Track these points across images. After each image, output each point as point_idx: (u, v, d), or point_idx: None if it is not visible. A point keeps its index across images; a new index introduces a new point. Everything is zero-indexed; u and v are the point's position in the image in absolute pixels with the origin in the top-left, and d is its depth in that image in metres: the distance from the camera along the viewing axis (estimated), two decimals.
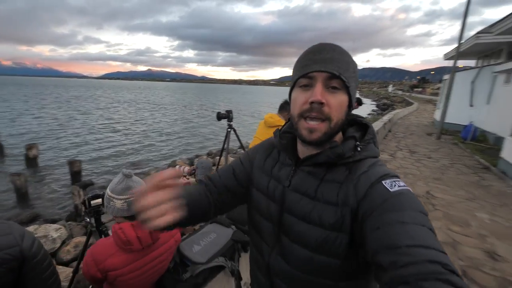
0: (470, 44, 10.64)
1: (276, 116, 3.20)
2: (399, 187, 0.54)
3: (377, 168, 0.60)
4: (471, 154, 7.54)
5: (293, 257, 0.66)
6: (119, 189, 1.22)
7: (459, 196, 4.51)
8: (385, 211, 0.51)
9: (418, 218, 0.48)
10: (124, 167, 9.54)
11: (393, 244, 0.45)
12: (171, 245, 1.48)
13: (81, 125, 17.33)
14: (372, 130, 0.68)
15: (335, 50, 0.60)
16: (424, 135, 10.72)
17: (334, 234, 0.59)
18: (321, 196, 0.62)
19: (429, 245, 0.44)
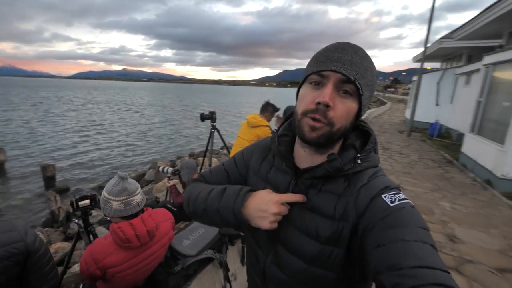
0: (434, 48, 11.50)
1: (258, 116, 3.37)
2: (400, 201, 0.52)
3: (377, 179, 0.58)
4: (437, 150, 8.18)
5: (288, 267, 0.65)
6: (115, 191, 1.27)
7: (425, 188, 4.93)
8: (386, 227, 0.49)
9: (421, 235, 0.47)
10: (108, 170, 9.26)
11: (396, 264, 0.43)
12: (165, 242, 1.56)
13: (53, 128, 16.43)
14: (374, 138, 0.64)
15: (357, 53, 0.56)
16: (396, 132, 11.41)
17: (329, 248, 0.58)
18: (318, 208, 0.61)
19: (434, 266, 0.42)
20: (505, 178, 4.66)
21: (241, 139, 3.40)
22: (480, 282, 2.51)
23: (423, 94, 10.65)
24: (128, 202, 1.28)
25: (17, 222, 1.12)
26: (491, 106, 5.55)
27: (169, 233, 1.58)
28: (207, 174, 0.85)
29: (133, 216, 1.32)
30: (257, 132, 3.25)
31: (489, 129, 5.50)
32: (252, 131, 3.29)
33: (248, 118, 3.36)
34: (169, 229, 1.57)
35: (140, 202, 1.36)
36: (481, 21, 6.93)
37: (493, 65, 5.48)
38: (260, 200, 0.62)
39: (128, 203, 1.28)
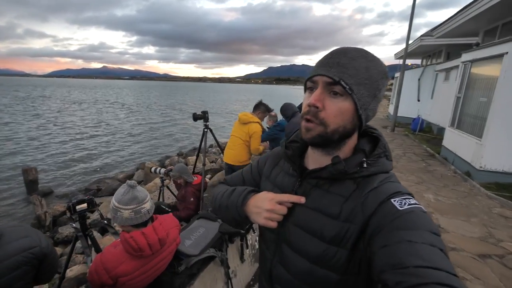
0: (415, 45, 11.92)
1: (249, 113, 3.43)
2: (410, 205, 0.52)
3: (387, 185, 0.58)
4: (419, 144, 8.54)
5: (293, 267, 0.67)
6: (125, 199, 1.28)
7: (410, 181, 5.17)
8: (393, 229, 0.49)
9: (428, 238, 0.46)
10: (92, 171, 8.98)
11: (400, 263, 0.44)
12: (173, 248, 1.58)
13: (34, 129, 15.71)
14: (383, 143, 0.65)
15: (346, 55, 0.58)
16: (380, 128, 11.74)
17: (333, 249, 0.59)
18: (324, 207, 0.62)
19: (439, 267, 0.42)
20: (483, 169, 4.96)
21: (234, 137, 3.46)
22: (464, 268, 2.69)
23: (405, 90, 11.04)
24: (138, 211, 1.29)
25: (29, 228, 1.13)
26: (469, 101, 5.86)
27: (177, 239, 1.61)
28: (229, 178, 0.95)
29: (143, 224, 1.34)
30: (248, 128, 3.31)
31: (468, 124, 5.81)
32: (243, 128, 3.36)
33: (239, 115, 3.44)
34: (177, 235, 1.60)
35: (150, 209, 1.36)
36: (458, 20, 7.25)
37: (470, 62, 5.79)
38: (258, 198, 0.70)
39: (138, 211, 1.29)
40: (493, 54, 4.94)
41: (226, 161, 3.54)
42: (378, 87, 0.60)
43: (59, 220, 5.70)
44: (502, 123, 4.70)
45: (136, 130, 16.94)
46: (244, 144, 3.35)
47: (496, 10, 5.90)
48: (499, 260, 2.82)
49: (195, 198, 3.34)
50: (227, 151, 3.53)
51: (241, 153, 3.39)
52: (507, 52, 4.51)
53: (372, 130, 0.68)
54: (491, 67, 5.12)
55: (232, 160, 3.45)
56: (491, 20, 6.81)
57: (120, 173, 8.48)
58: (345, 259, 0.58)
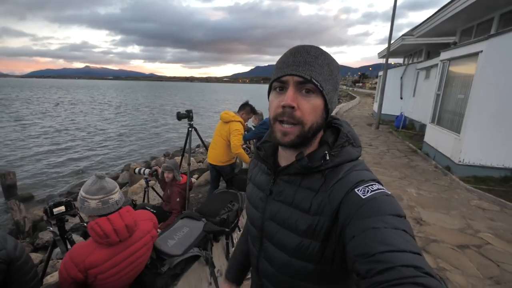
0: (397, 45, 12.26)
1: (230, 112, 3.39)
2: (372, 192, 0.54)
3: (352, 174, 0.60)
4: (402, 140, 8.79)
5: (275, 261, 0.71)
6: (93, 189, 1.27)
7: (394, 176, 5.30)
8: (358, 219, 0.51)
9: (391, 221, 0.48)
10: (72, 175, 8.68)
11: (367, 252, 0.46)
12: (148, 240, 1.54)
13: (13, 131, 15.05)
14: (345, 133, 0.66)
15: (309, 53, 0.60)
16: (366, 125, 12.04)
17: (307, 241, 0.62)
18: (297, 203, 0.64)
19: (402, 248, 0.44)
20: (461, 164, 5.15)
21: (216, 136, 3.42)
22: (444, 258, 2.79)
23: (388, 88, 11.33)
24: (106, 201, 1.28)
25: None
26: (448, 99, 6.08)
27: (152, 232, 1.57)
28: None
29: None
30: (229, 127, 3.27)
31: (447, 120, 6.02)
32: (225, 127, 3.31)
33: (221, 114, 3.38)
34: (151, 228, 1.55)
35: (119, 200, 1.36)
36: (437, 20, 7.51)
37: (448, 60, 6.00)
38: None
39: (106, 201, 1.28)
40: (469, 53, 5.14)
41: (209, 161, 3.49)
42: (337, 81, 0.64)
43: (39, 225, 5.50)
44: (478, 118, 4.90)
45: (122, 130, 16.56)
46: (226, 143, 3.31)
47: (471, 10, 6.15)
48: (477, 250, 2.94)
49: (181, 198, 3.30)
50: (210, 151, 3.48)
51: (223, 152, 3.35)
52: (482, 51, 4.71)
53: (335, 121, 0.70)
54: (467, 65, 5.33)
55: (214, 160, 3.40)
56: (467, 20, 7.09)
57: None
58: (318, 250, 0.60)
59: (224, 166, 3.41)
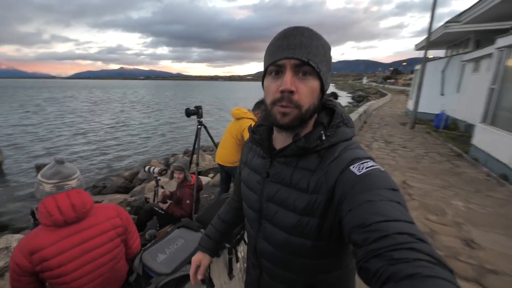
0: (439, 34, 10.96)
1: (242, 108, 3.03)
2: (367, 169, 0.56)
3: (347, 153, 0.61)
4: (444, 142, 7.75)
5: (274, 240, 0.72)
6: (49, 173, 1.23)
7: (434, 185, 4.54)
8: (354, 194, 0.53)
9: (385, 194, 0.50)
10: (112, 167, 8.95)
11: (364, 223, 0.47)
12: (107, 228, 1.34)
13: (56, 127, 16.27)
14: (339, 113, 0.68)
15: (303, 34, 0.59)
16: (398, 125, 10.98)
17: (305, 219, 0.63)
18: (295, 183, 0.66)
19: (397, 218, 0.45)
20: None
21: (226, 134, 3.09)
22: None
23: (427, 83, 10.18)
24: (61, 186, 1.23)
25: None
26: (506, 94, 5.10)
27: (114, 220, 1.39)
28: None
29: None
30: (239, 124, 2.91)
31: (505, 119, 5.04)
32: (236, 124, 2.97)
33: (232, 111, 3.04)
34: (112, 215, 1.40)
35: (76, 188, 1.29)
36: (490, 2, 6.42)
37: (508, 48, 5.02)
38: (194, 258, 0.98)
39: (61, 187, 1.23)
40: None
41: (217, 161, 3.14)
42: (330, 61, 0.64)
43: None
44: None
45: (147, 127, 17.12)
46: (235, 142, 2.94)
47: None
48: None
49: (191, 201, 3.01)
50: (219, 150, 3.15)
51: (232, 152, 2.98)
52: None
53: (329, 102, 0.71)
54: None
55: (222, 160, 3.06)
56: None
57: (126, 170, 8.32)
58: (316, 226, 0.63)
59: (233, 167, 3.05)
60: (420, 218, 3.39)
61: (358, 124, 9.55)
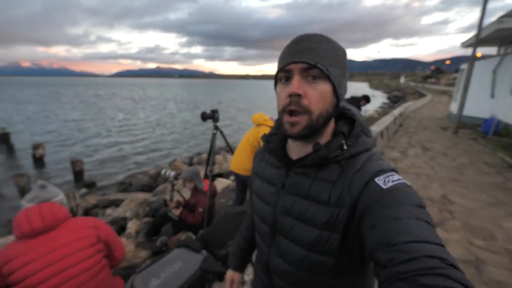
0: (491, 29, 9.75)
1: (264, 115, 2.86)
2: (393, 182, 0.54)
3: (371, 164, 0.59)
4: (493, 151, 6.86)
5: (290, 256, 0.68)
6: (29, 197, 1.28)
7: (481, 201, 3.98)
8: (379, 209, 0.51)
9: (413, 212, 0.48)
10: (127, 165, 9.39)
11: (389, 241, 0.45)
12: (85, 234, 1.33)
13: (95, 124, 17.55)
14: (359, 122, 0.66)
15: (312, 40, 0.59)
16: (439, 129, 10.01)
17: (326, 234, 0.60)
18: (314, 195, 0.63)
19: (426, 239, 0.43)
20: None
21: (243, 140, 2.94)
22: None
23: (474, 84, 9.14)
24: None
25: None
26: None
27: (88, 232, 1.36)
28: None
29: None
30: (258, 131, 2.76)
31: None
32: (254, 130, 2.82)
33: (253, 116, 2.88)
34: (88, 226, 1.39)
35: None
36: None
37: None
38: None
39: None
40: None
41: (231, 169, 3.02)
42: (345, 66, 0.62)
43: (90, 213, 5.87)
44: None
45: (178, 125, 17.64)
46: (251, 149, 2.79)
47: None
48: None
49: (204, 208, 2.93)
50: (234, 157, 3.03)
51: (247, 159, 2.83)
52: None
53: (346, 111, 0.69)
54: None
55: (237, 168, 2.93)
56: None
57: (152, 168, 8.61)
58: (338, 242, 0.59)
59: (247, 175, 2.90)
60: (463, 242, 2.95)
61: (393, 127, 8.87)
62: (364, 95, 5.83)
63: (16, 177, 6.94)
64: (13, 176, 7.02)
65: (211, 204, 3.06)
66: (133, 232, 3.69)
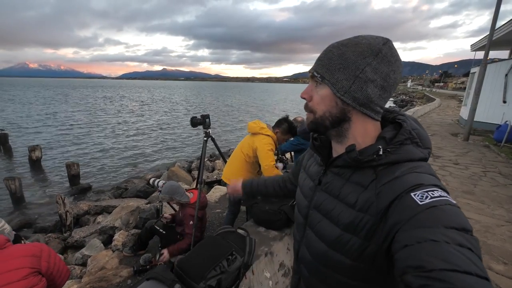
0: (504, 31, 9.37)
1: (261, 123, 2.57)
2: (432, 199, 0.49)
3: (410, 176, 0.55)
4: (507, 160, 6.48)
5: (313, 249, 0.72)
6: None
7: (498, 217, 3.63)
8: (414, 227, 0.47)
9: (454, 236, 0.43)
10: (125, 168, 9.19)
11: (424, 266, 0.42)
12: (7, 272, 1.11)
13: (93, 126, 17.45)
14: (407, 129, 0.61)
15: (327, 48, 0.64)
16: (449, 135, 9.61)
17: (347, 235, 0.60)
18: (344, 196, 0.64)
19: (468, 270, 0.39)
20: None
21: (236, 149, 2.65)
22: None
23: (485, 88, 8.74)
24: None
25: None
26: None
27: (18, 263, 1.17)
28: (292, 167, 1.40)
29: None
30: (253, 140, 2.46)
31: None
32: (250, 139, 2.52)
33: (249, 124, 2.58)
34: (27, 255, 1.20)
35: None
36: None
37: None
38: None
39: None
40: None
41: (223, 179, 2.72)
42: (358, 67, 0.60)
43: (81, 220, 5.66)
44: None
45: (180, 129, 17.43)
46: (244, 159, 2.50)
47: None
48: None
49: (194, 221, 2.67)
50: (226, 167, 2.74)
51: (239, 170, 2.54)
52: None
53: (399, 116, 0.66)
54: None
55: (228, 178, 2.62)
56: None
57: (149, 173, 8.39)
58: (358, 247, 0.59)
59: None
60: None
61: None
62: None
63: (7, 180, 6.75)
64: (4, 179, 6.84)
65: (201, 216, 2.80)
66: (120, 244, 3.44)
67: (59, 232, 5.41)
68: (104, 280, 2.69)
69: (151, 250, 3.06)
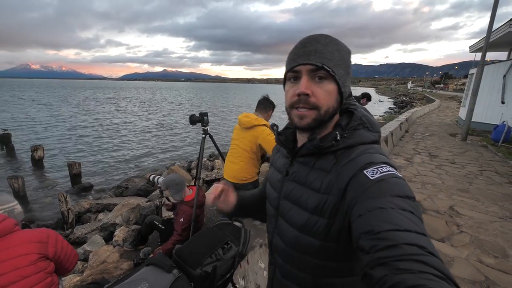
0: (501, 33, 9.44)
1: (252, 115, 2.55)
2: (381, 173, 0.55)
3: (363, 156, 0.61)
4: (504, 159, 6.53)
5: (285, 236, 0.74)
6: None
7: (491, 214, 3.69)
8: (365, 199, 0.53)
9: (398, 203, 0.49)
10: None
11: (373, 229, 0.47)
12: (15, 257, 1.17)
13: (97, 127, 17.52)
14: (358, 116, 0.68)
15: (319, 42, 0.63)
16: (447, 135, 9.67)
17: (315, 218, 0.65)
18: (310, 182, 0.68)
19: (408, 228, 0.45)
20: None
21: (236, 147, 2.63)
22: None
23: (484, 89, 8.82)
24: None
25: None
26: None
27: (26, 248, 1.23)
28: None
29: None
30: (252, 134, 2.46)
31: None
32: (247, 134, 2.49)
33: (240, 118, 2.56)
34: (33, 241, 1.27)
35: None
36: None
37: None
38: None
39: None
40: None
41: (226, 178, 2.65)
42: (349, 65, 0.67)
43: (82, 217, 5.73)
44: None
45: (180, 129, 17.50)
46: (249, 156, 2.49)
47: None
48: None
49: (187, 218, 2.70)
50: (228, 165, 2.68)
51: (245, 167, 2.53)
52: None
53: (351, 106, 0.71)
54: None
55: (233, 177, 2.57)
56: None
57: (149, 173, 8.47)
58: (324, 227, 0.63)
59: (246, 184, 2.58)
60: (472, 259, 2.68)
61: (399, 133, 8.58)
62: (364, 93, 5.58)
63: (10, 179, 6.85)
64: (7, 178, 6.94)
65: (198, 214, 2.85)
66: (120, 240, 3.52)
67: (61, 229, 5.47)
68: (105, 273, 2.76)
69: (151, 245, 3.13)
